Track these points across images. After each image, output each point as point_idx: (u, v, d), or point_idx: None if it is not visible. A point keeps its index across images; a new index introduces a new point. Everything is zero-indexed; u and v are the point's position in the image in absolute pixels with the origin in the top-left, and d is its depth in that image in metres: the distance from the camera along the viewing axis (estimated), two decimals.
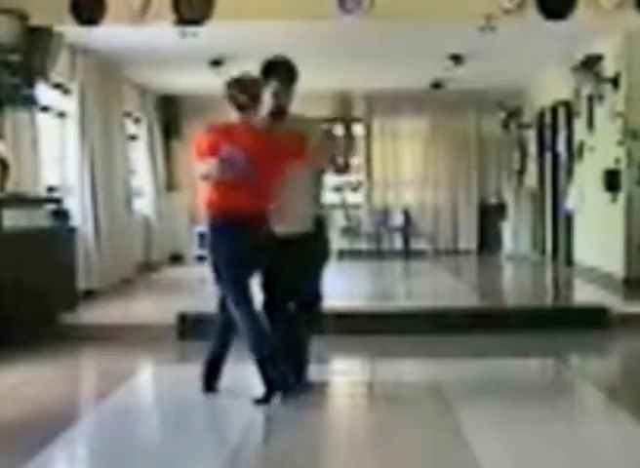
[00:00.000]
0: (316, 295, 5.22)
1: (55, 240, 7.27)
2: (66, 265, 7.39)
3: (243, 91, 4.93)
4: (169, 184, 12.87)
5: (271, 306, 5.13)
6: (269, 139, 4.90)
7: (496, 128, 13.27)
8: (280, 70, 4.98)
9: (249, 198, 4.81)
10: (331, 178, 13.19)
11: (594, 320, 7.11)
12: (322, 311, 5.29)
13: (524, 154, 12.79)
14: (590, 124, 9.47)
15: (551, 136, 11.45)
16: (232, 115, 4.97)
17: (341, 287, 9.72)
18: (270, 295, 5.13)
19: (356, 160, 13.95)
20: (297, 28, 7.84)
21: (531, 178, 12.49)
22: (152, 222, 11.84)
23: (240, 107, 4.93)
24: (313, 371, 5.29)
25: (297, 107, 5.21)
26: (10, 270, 6.55)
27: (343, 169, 4.93)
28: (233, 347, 5.09)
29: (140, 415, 4.97)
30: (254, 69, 5.06)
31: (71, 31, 7.43)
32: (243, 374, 5.26)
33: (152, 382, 5.94)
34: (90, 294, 8.44)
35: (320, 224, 5.17)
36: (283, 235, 4.98)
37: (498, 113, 13.00)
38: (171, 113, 12.69)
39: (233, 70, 9.69)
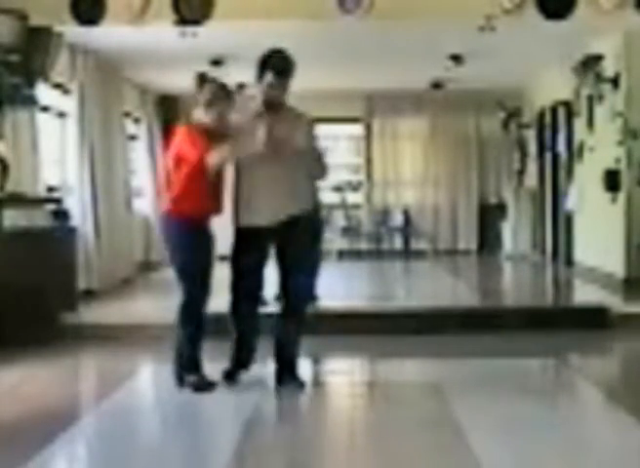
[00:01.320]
0: (303, 297, 5.23)
1: (55, 240, 7.26)
2: (66, 265, 7.38)
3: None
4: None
5: (237, 310, 5.17)
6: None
7: (496, 128, 13.26)
8: (275, 62, 4.96)
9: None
10: (330, 178, 13.29)
11: (594, 320, 7.11)
12: (309, 312, 5.29)
13: (524, 154, 12.78)
14: (590, 124, 9.47)
15: (551, 136, 11.44)
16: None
17: (341, 287, 9.73)
18: (237, 298, 5.16)
19: (356, 159, 14.00)
20: (297, 28, 7.83)
21: (531, 178, 12.48)
22: (152, 222, 11.83)
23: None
24: (314, 371, 5.29)
25: (298, 107, 5.23)
26: (10, 270, 6.55)
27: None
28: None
29: (140, 415, 4.97)
30: (252, 70, 5.07)
31: (71, 31, 7.43)
32: (243, 374, 5.27)
33: (152, 382, 5.95)
34: (90, 294, 8.44)
35: (312, 218, 5.19)
36: (248, 227, 5.02)
37: (498, 113, 13.00)
38: (171, 113, 12.70)
39: (233, 70, 9.77)
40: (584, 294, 8.79)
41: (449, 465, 3.89)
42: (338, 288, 9.64)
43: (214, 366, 5.20)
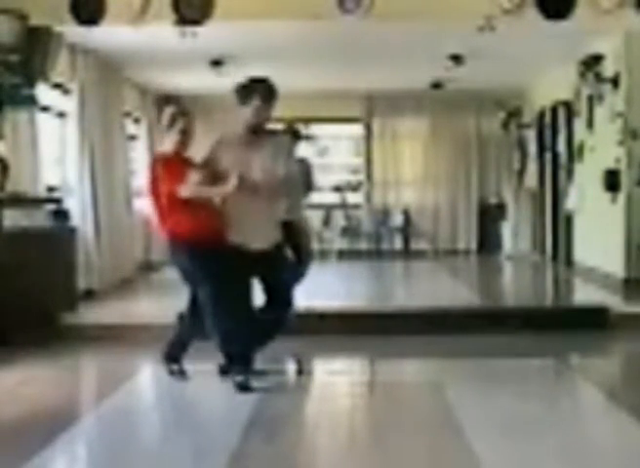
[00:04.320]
0: (288, 306, 5.37)
1: (55, 240, 7.26)
2: (66, 265, 7.38)
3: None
4: None
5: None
6: None
7: (496, 128, 13.26)
8: (263, 90, 5.14)
9: None
10: (330, 178, 13.31)
11: (594, 320, 7.11)
12: (290, 316, 5.43)
13: (524, 154, 12.78)
14: (590, 124, 9.47)
15: (551, 136, 11.45)
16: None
17: (341, 287, 9.73)
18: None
19: (357, 160, 14.01)
20: (297, 28, 7.83)
21: (531, 178, 12.48)
22: (152, 222, 11.82)
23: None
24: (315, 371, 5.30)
25: (298, 107, 5.26)
26: (10, 270, 6.55)
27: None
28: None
29: (140, 415, 4.97)
30: (252, 71, 5.10)
31: (71, 31, 7.42)
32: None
33: (152, 382, 5.94)
34: (90, 294, 8.44)
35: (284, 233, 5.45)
36: (239, 246, 5.14)
37: (498, 113, 13.00)
38: None
39: (233, 70, 9.77)
40: (584, 294, 8.79)
41: (449, 465, 3.89)
42: (338, 288, 9.65)
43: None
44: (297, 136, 7.08)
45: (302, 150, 7.34)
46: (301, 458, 4.02)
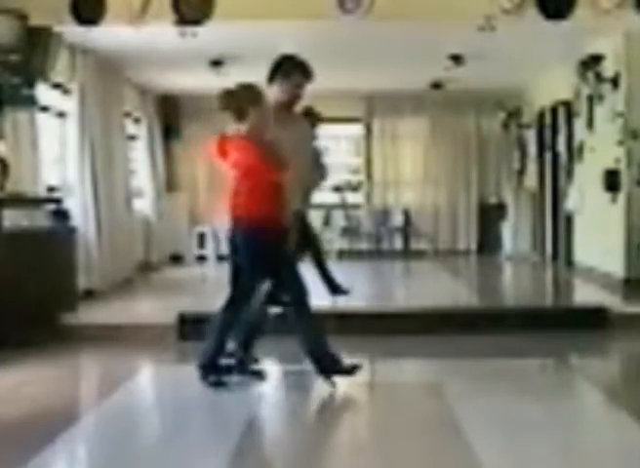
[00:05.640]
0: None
1: (55, 240, 7.26)
2: (66, 265, 7.38)
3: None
4: (169, 185, 12.88)
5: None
6: None
7: (496, 128, 13.27)
8: (303, 65, 5.27)
9: None
10: (330, 178, 13.28)
11: (594, 320, 7.11)
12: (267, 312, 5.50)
13: (524, 154, 12.78)
14: (590, 124, 9.47)
15: (551, 136, 11.45)
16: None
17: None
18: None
19: (357, 160, 14.00)
20: (297, 28, 7.84)
21: (531, 178, 12.48)
22: (152, 222, 11.84)
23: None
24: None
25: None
26: (10, 270, 6.55)
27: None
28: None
29: (140, 416, 4.97)
30: (252, 71, 5.12)
31: (71, 31, 7.43)
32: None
33: (152, 382, 5.94)
34: (90, 294, 8.44)
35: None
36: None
37: (498, 113, 13.01)
38: (171, 113, 12.69)
39: (233, 70, 9.77)
40: (584, 295, 8.80)
41: (449, 465, 3.89)
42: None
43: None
44: (315, 121, 7.10)
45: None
46: (301, 458, 4.02)
